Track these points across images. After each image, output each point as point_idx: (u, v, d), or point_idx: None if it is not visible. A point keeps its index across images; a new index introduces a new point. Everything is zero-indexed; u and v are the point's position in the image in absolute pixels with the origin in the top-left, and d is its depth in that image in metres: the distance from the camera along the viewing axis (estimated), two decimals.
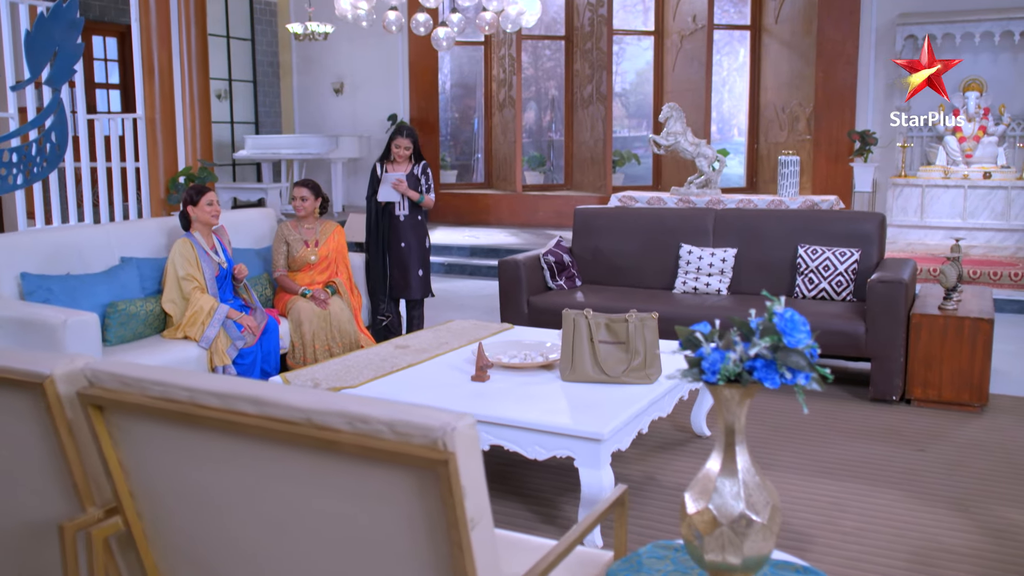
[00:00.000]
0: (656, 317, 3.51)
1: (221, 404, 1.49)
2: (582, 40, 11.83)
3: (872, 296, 4.61)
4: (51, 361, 1.74)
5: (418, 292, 5.52)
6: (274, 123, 13.04)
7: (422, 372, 3.66)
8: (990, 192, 8.42)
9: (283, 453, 1.45)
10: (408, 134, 5.39)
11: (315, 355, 4.80)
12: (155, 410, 1.56)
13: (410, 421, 1.33)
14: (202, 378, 1.53)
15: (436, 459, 1.30)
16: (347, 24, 12.01)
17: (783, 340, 1.42)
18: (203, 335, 4.35)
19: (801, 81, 10.24)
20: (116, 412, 1.65)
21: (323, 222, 5.21)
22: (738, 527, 1.53)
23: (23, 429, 1.81)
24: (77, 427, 1.76)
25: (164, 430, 1.60)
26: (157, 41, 6.64)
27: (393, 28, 7.34)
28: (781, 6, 10.60)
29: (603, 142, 11.44)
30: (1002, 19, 8.38)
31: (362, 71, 12.46)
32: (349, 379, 3.50)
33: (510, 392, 3.37)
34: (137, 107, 6.70)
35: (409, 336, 4.31)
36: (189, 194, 4.53)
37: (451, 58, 13.36)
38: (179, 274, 4.43)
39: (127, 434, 1.66)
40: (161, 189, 6.79)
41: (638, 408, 3.19)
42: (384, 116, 12.19)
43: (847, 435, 4.21)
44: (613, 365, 3.46)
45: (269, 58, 12.83)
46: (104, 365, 1.64)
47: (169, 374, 1.57)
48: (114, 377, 1.61)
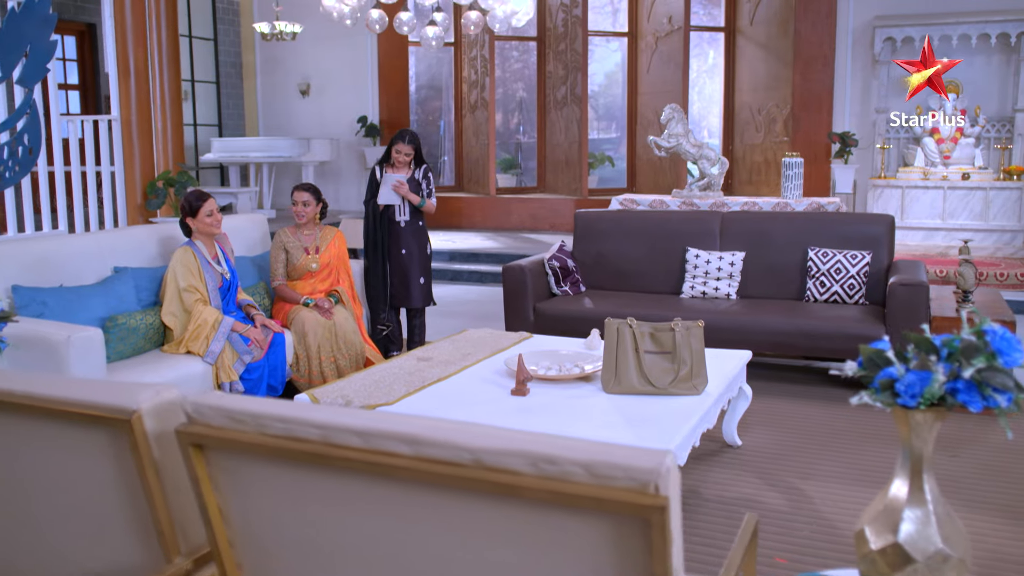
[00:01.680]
0: (702, 325, 3.38)
1: (364, 444, 1.30)
2: (555, 41, 11.71)
3: (893, 300, 4.56)
4: (133, 394, 1.53)
5: (419, 301, 5.32)
6: (237, 125, 12.66)
7: (455, 386, 3.47)
8: (969, 193, 8.52)
9: (444, 500, 1.27)
10: (410, 140, 5.18)
11: (321, 368, 4.57)
12: (276, 450, 1.36)
13: (612, 462, 1.16)
14: (337, 414, 1.34)
15: (648, 505, 1.13)
16: (315, 24, 11.76)
17: (999, 360, 1.28)
18: (208, 350, 4.09)
19: (778, 83, 10.26)
20: (219, 452, 1.45)
21: (323, 228, 4.98)
22: (933, 563, 1.39)
23: (98, 470, 1.59)
24: (164, 468, 1.55)
25: (284, 472, 1.40)
26: (132, 39, 6.33)
27: (376, 27, 7.12)
28: (756, 8, 10.62)
29: (578, 144, 11.33)
30: (979, 22, 8.48)
31: (329, 72, 12.16)
32: (381, 395, 3.30)
33: (555, 406, 3.21)
34: (112, 108, 6.37)
35: (428, 347, 4.12)
36: (188, 202, 4.26)
37: (416, 59, 13.13)
38: (180, 285, 4.17)
39: (232, 476, 1.46)
40: (138, 194, 6.47)
41: (695, 420, 3.05)
42: (352, 118, 11.92)
43: (879, 440, 4.13)
44: (659, 375, 3.32)
45: (232, 59, 12.45)
46: (206, 398, 1.43)
47: (292, 408, 1.38)
48: (221, 412, 1.41)
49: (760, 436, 4.17)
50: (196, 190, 4.31)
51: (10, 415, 1.62)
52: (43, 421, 1.60)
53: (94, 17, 10.61)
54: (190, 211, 4.23)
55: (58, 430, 1.60)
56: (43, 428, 1.61)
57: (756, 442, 4.10)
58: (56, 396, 1.55)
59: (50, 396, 1.56)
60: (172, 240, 4.75)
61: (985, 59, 8.89)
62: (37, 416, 1.59)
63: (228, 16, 12.28)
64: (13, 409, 1.61)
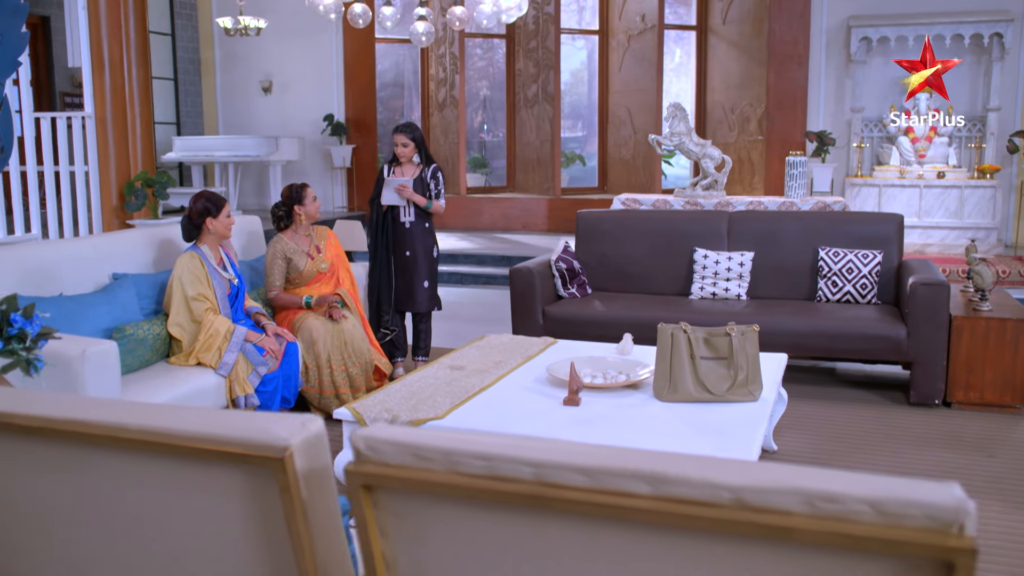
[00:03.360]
0: (757, 330, 3.28)
1: (592, 483, 1.14)
2: (525, 39, 11.58)
3: (915, 299, 4.53)
4: (280, 428, 1.34)
5: (424, 305, 5.12)
6: (195, 124, 12.23)
7: (499, 396, 3.31)
8: (944, 191, 8.64)
9: (695, 545, 1.11)
10: (407, 130, 4.98)
11: (332, 377, 4.35)
12: (474, 492, 1.20)
13: (904, 498, 1.02)
14: (555, 449, 1.18)
15: (953, 547, 1.00)
16: (278, 19, 11.43)
17: None
18: (221, 362, 3.85)
19: (752, 82, 10.30)
20: (394, 494, 1.27)
21: (315, 228, 4.76)
22: None
23: (231, 515, 1.40)
24: (313, 512, 1.37)
25: (478, 518, 1.23)
26: (108, 32, 5.99)
27: (359, 22, 6.89)
28: (729, 7, 10.64)
29: (551, 143, 11.22)
30: (953, 23, 8.61)
31: (292, 69, 11.83)
32: (427, 409, 3.12)
33: (611, 417, 3.07)
34: (86, 105, 6.02)
35: (455, 355, 3.94)
36: (211, 203, 4.01)
37: (379, 57, 12.86)
38: (188, 294, 3.92)
39: (406, 521, 1.29)
40: (114, 195, 6.13)
41: (763, 428, 2.95)
42: (316, 116, 11.62)
43: (912, 443, 4.09)
44: (716, 382, 3.21)
45: (190, 54, 12.03)
46: (382, 433, 1.26)
47: (494, 443, 1.21)
48: (404, 448, 1.24)
49: (792, 440, 4.10)
50: (211, 192, 4.07)
51: (122, 453, 1.42)
52: (162, 459, 1.40)
53: (48, 9, 10.12)
54: (214, 212, 3.98)
55: (181, 470, 1.40)
56: (161, 467, 1.41)
57: (790, 446, 4.02)
58: (186, 431, 1.36)
59: (177, 431, 1.36)
60: (169, 244, 4.49)
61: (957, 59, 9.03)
62: (155, 453, 1.40)
63: (186, 11, 11.85)
64: (126, 445, 1.40)
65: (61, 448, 1.46)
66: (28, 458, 1.49)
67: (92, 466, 1.45)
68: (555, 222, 11.05)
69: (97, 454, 1.44)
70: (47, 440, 1.46)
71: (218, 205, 4.01)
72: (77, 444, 1.44)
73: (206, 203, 4.00)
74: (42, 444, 1.47)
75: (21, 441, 1.48)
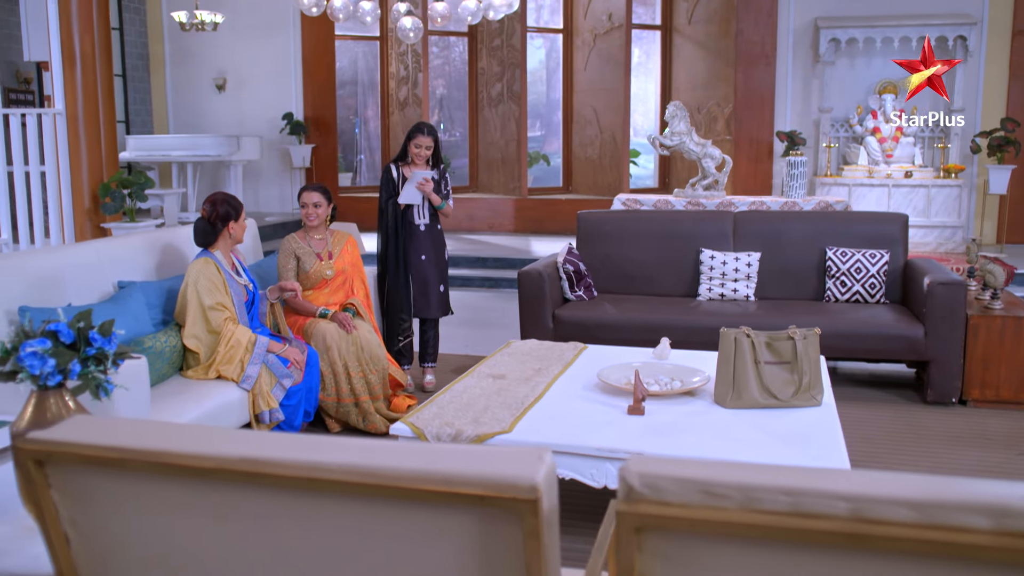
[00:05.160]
0: (819, 333, 3.21)
1: (921, 519, 1.02)
2: (489, 37, 11.43)
3: (933, 299, 4.55)
4: (515, 461, 1.19)
5: (438, 310, 4.95)
6: (144, 122, 11.74)
7: (556, 406, 3.18)
8: (912, 190, 8.81)
9: None
10: (430, 132, 4.80)
11: (351, 385, 4.15)
12: (776, 532, 1.07)
13: None
14: (874, 481, 1.06)
15: None
16: (233, 15, 11.03)
17: None
18: (244, 375, 3.62)
19: (719, 82, 10.35)
20: (667, 535, 1.13)
21: (334, 232, 4.55)
22: None
23: (462, 563, 1.24)
24: (553, 559, 1.22)
25: (774, 557, 1.10)
26: (79, 22, 5.63)
27: (313, 11, 6.65)
28: (695, 7, 10.68)
29: (516, 142, 11.10)
30: (918, 25, 8.79)
31: (248, 66, 11.44)
32: (491, 423, 2.96)
33: (683, 425, 2.97)
34: (55, 101, 5.65)
35: (489, 362, 3.79)
36: (232, 207, 3.76)
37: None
38: (205, 303, 3.67)
39: (677, 567, 1.15)
40: (86, 198, 5.77)
41: (841, 433, 2.88)
42: (275, 115, 11.26)
43: (942, 441, 4.10)
44: (781, 387, 3.14)
45: (139, 50, 11.53)
46: (661, 468, 1.11)
47: (797, 476, 1.08)
48: (691, 485, 1.10)
49: None
50: (228, 194, 3.83)
51: (316, 496, 1.25)
52: (368, 503, 1.24)
53: None
54: (235, 216, 3.74)
55: (391, 514, 1.24)
56: (366, 512, 1.25)
57: None
58: (404, 470, 1.19)
59: (392, 470, 1.20)
60: (171, 249, 4.23)
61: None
62: (359, 495, 1.23)
63: (134, 4, 11.36)
64: (322, 487, 1.23)
65: (241, 492, 1.28)
66: (199, 503, 1.30)
67: (282, 512, 1.27)
68: (522, 222, 10.94)
69: (286, 498, 1.26)
70: (220, 483, 1.28)
71: (238, 209, 3.78)
72: (262, 487, 1.26)
73: (228, 207, 3.76)
74: (216, 488, 1.28)
75: (190, 484, 1.29)
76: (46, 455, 1.34)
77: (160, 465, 1.27)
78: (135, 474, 1.31)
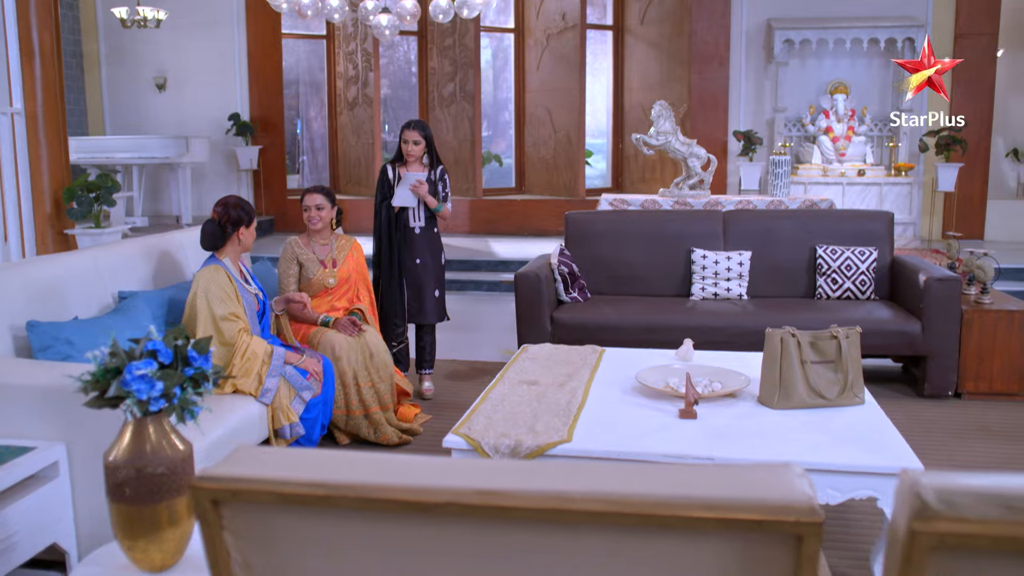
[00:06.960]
0: (860, 331, 3.22)
1: None
2: (440, 36, 11.28)
3: (930, 294, 4.65)
4: (787, 479, 1.12)
5: (434, 316, 4.82)
6: (79, 123, 11.18)
7: (603, 412, 3.10)
8: (865, 188, 9.05)
9: None
10: (416, 126, 4.68)
11: (360, 396, 3.99)
12: None
13: None
14: None
15: None
16: (174, 11, 10.60)
17: None
18: (262, 388, 3.43)
19: (672, 82, 10.44)
20: (950, 554, 1.07)
21: (338, 237, 4.38)
22: None
23: None
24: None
25: None
26: (36, 16, 5.30)
27: (336, 16, 6.44)
28: (647, 7, 10.75)
29: (470, 142, 10.98)
30: (869, 27, 9.03)
31: (190, 64, 11.02)
32: (548, 432, 2.87)
33: (743, 429, 2.93)
34: (14, 100, 5.30)
35: (514, 370, 3.68)
36: (245, 212, 3.57)
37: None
38: (217, 313, 3.47)
39: None
40: (47, 203, 5.43)
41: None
42: (220, 115, 10.88)
43: (953, 434, 4.19)
44: (826, 387, 3.13)
45: (72, 47, 10.96)
46: (952, 481, 1.05)
47: None
48: (987, 498, 1.04)
49: None
50: (238, 197, 3.63)
51: (560, 529, 1.15)
52: (636, 535, 1.14)
53: None
54: (247, 222, 3.54)
55: (656, 544, 1.14)
56: (631, 544, 1.15)
57: None
58: (663, 496, 1.10)
59: (665, 498, 1.11)
60: (166, 257, 4.00)
61: (867, 62, 9.49)
62: (631, 527, 1.14)
63: (67, 0, 10.80)
64: (568, 519, 1.13)
65: (474, 529, 1.16)
66: (420, 543, 1.18)
67: (526, 550, 1.16)
68: (477, 223, 10.83)
69: (527, 533, 1.16)
70: (446, 518, 1.16)
71: (251, 214, 3.60)
72: (501, 522, 1.15)
73: (241, 211, 3.57)
74: (440, 525, 1.17)
75: (408, 522, 1.17)
76: (230, 494, 1.20)
77: (377, 501, 1.14)
78: (337, 512, 1.18)
